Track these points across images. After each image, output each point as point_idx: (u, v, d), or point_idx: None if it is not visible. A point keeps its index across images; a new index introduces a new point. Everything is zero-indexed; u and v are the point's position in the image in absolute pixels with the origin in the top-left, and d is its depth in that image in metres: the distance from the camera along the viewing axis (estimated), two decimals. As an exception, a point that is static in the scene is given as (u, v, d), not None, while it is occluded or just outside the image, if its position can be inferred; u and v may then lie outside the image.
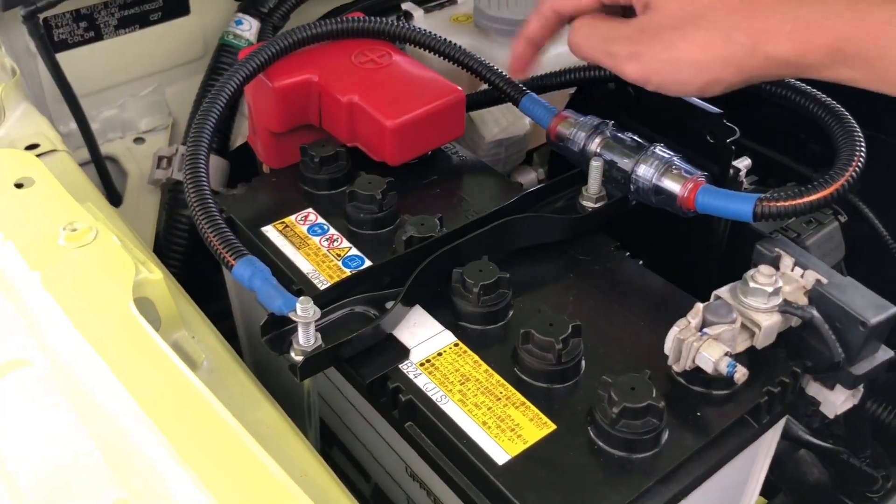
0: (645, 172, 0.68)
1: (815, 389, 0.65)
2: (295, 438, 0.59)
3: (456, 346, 0.62)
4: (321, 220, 0.74)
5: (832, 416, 0.65)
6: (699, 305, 0.58)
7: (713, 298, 0.61)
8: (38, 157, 0.75)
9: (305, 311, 0.57)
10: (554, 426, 0.57)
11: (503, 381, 0.60)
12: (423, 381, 0.60)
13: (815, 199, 0.61)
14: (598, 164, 0.70)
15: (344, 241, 0.72)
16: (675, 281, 0.68)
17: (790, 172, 0.97)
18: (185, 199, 0.66)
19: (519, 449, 0.55)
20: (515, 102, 0.78)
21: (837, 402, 0.64)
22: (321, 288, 0.66)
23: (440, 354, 0.62)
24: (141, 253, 0.65)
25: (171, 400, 0.53)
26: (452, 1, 1.07)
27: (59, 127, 1.00)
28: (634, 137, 0.71)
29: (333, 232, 0.73)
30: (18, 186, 0.69)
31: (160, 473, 0.50)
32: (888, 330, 0.61)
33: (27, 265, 0.61)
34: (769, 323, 0.59)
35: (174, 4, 1.07)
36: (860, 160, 0.62)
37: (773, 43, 0.56)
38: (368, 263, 0.69)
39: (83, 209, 0.66)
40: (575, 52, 0.67)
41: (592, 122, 0.73)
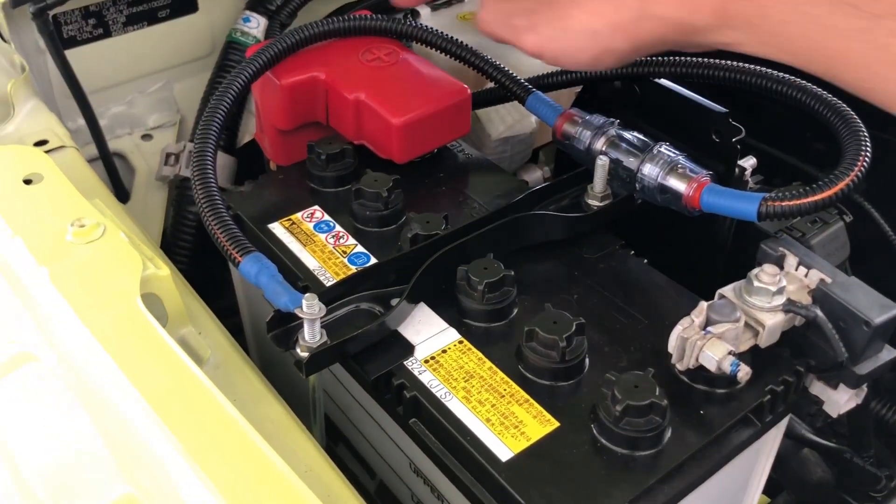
0: (650, 171, 0.68)
1: (818, 389, 0.65)
2: (300, 434, 0.59)
3: (460, 343, 0.63)
4: (327, 217, 0.74)
5: (835, 415, 0.65)
6: (703, 304, 0.58)
7: (717, 297, 0.61)
8: (46, 153, 0.75)
9: (311, 307, 0.57)
10: (557, 423, 0.57)
11: (507, 378, 0.60)
12: (427, 377, 0.60)
13: (820, 198, 0.61)
14: (603, 162, 0.70)
15: (350, 238, 0.72)
16: (679, 279, 0.69)
17: (795, 172, 0.97)
18: (192, 195, 0.67)
19: (522, 446, 0.55)
20: (521, 101, 0.78)
21: (841, 401, 0.64)
22: (327, 285, 0.67)
23: (445, 351, 0.62)
24: (148, 249, 0.66)
25: (177, 395, 0.53)
26: (459, -1, 1.07)
27: (67, 123, 1.01)
28: (640, 136, 0.71)
29: (339, 229, 0.73)
30: (27, 182, 0.69)
31: (166, 469, 0.50)
32: (892, 329, 0.61)
33: (35, 261, 0.62)
34: (773, 322, 0.59)
35: (182, 2, 1.07)
36: (865, 160, 0.62)
37: (660, 5, 0.56)
38: (374, 260, 0.69)
39: (91, 205, 0.67)
40: (482, 29, 0.67)
41: (598, 120, 0.73)
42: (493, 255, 0.65)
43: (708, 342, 0.57)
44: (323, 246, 0.71)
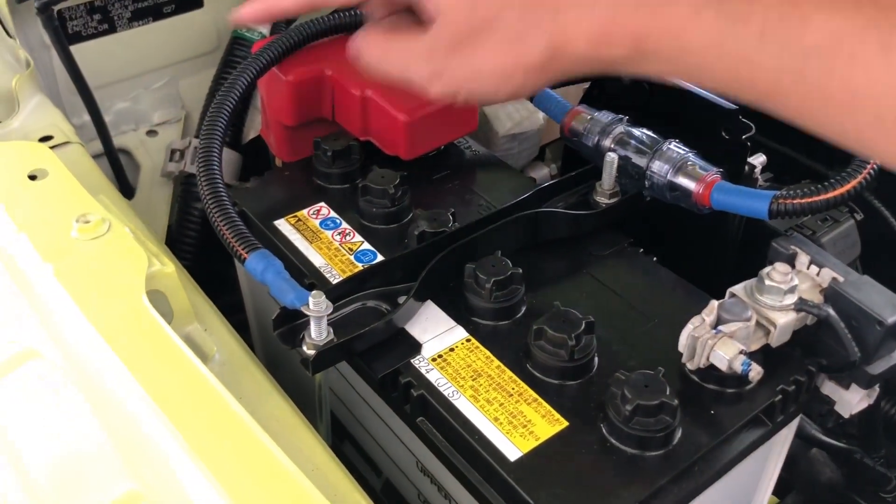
0: (660, 168, 0.68)
1: (830, 388, 0.64)
2: (306, 432, 0.59)
3: (468, 341, 0.62)
4: (334, 213, 0.74)
5: (847, 415, 0.64)
6: (714, 303, 0.58)
7: (728, 296, 0.61)
8: (51, 148, 0.75)
9: (318, 305, 0.57)
10: (566, 423, 0.56)
11: (515, 377, 0.59)
12: (434, 376, 0.60)
13: (831, 196, 0.60)
14: (612, 159, 0.70)
15: (356, 235, 0.71)
16: (689, 278, 0.68)
17: (805, 170, 0.97)
18: (197, 192, 0.66)
19: (531, 445, 0.55)
20: (529, 97, 0.78)
21: (853, 401, 0.63)
22: (333, 282, 0.66)
23: (452, 350, 0.61)
24: (153, 245, 0.65)
25: (182, 392, 0.53)
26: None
27: (72, 119, 1.00)
28: (649, 133, 0.70)
29: (346, 226, 0.72)
30: (32, 178, 0.69)
31: (171, 466, 0.50)
32: (905, 329, 0.60)
33: (40, 257, 0.61)
34: (784, 321, 0.59)
35: (188, -3, 1.07)
36: (877, 158, 0.61)
37: (571, 44, 0.52)
38: (381, 258, 0.69)
39: (96, 201, 0.67)
40: (367, 72, 0.61)
41: (606, 117, 0.73)
42: (500, 252, 0.65)
43: (719, 341, 0.56)
44: (329, 243, 0.71)
